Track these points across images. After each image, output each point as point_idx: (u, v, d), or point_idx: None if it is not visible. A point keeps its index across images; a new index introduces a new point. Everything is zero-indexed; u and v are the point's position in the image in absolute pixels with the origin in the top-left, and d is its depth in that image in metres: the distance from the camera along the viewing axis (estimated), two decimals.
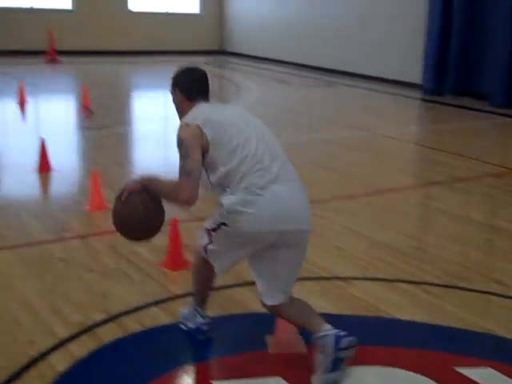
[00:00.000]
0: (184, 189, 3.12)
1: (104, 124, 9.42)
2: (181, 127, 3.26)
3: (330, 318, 3.30)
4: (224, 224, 3.17)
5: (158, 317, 3.88)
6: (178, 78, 3.50)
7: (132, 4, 18.85)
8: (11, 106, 10.52)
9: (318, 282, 4.47)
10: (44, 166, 6.73)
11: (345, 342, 3.07)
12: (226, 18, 20.10)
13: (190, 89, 3.41)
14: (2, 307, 3.94)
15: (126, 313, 3.91)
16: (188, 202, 3.16)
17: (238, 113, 3.47)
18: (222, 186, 3.17)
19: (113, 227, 3.53)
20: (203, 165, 3.17)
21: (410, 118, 11.79)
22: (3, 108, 11.15)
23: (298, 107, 11.64)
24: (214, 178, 3.18)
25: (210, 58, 18.64)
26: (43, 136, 7.06)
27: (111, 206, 5.61)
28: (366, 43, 15.42)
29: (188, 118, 3.27)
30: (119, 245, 4.98)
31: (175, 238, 4.59)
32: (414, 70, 14.05)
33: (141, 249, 4.88)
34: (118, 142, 8.68)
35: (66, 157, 7.80)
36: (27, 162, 7.04)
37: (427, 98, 13.23)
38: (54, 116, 10.75)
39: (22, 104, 10.36)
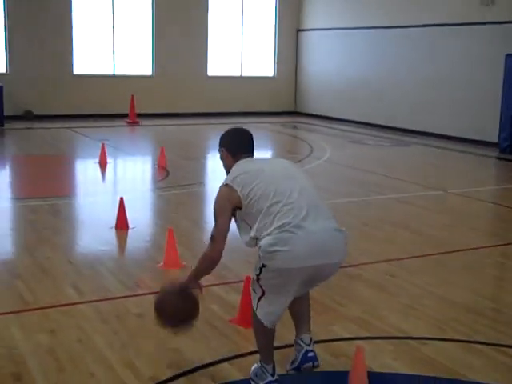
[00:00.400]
0: (211, 251, 3.67)
1: (180, 183, 9.64)
2: (218, 191, 3.70)
3: (404, 379, 3.23)
4: (264, 266, 3.43)
5: (230, 373, 3.89)
6: (224, 138, 3.94)
7: (209, 69, 19.44)
8: (93, 166, 10.92)
9: (390, 341, 4.40)
10: (122, 223, 6.93)
11: (308, 361, 3.74)
12: (299, 80, 20.44)
13: (233, 147, 3.84)
14: (78, 360, 4.05)
15: (198, 368, 3.94)
16: (212, 262, 3.70)
17: (276, 165, 3.83)
18: (260, 233, 3.47)
19: None
20: (242, 218, 3.61)
21: (486, 176, 11.58)
22: (85, 168, 11.59)
23: (371, 167, 11.62)
24: (253, 230, 3.53)
25: (284, 119, 18.93)
26: (121, 195, 7.29)
27: (186, 263, 5.76)
28: (440, 102, 15.37)
29: (228, 177, 3.69)
30: None
31: (248, 295, 4.61)
32: (489, 128, 13.89)
33: (214, 305, 4.93)
34: (193, 201, 8.86)
35: (143, 215, 8.01)
36: (106, 219, 7.27)
37: (504, 156, 13.00)
38: (133, 176, 11.09)
39: (102, 164, 10.75)
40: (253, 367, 3.78)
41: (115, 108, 17.58)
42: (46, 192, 8.96)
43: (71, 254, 6.32)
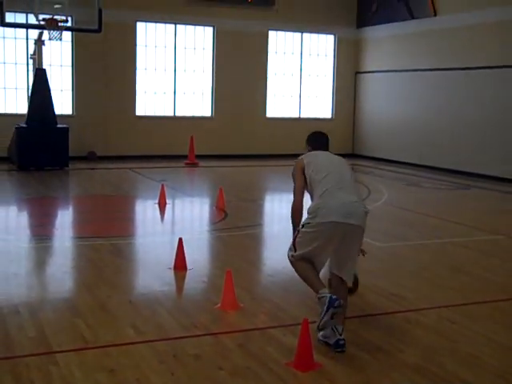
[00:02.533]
0: (293, 205, 5.39)
1: (237, 225, 9.71)
2: (295, 162, 5.51)
3: None
4: (307, 223, 5.07)
5: None
6: (309, 137, 5.88)
7: (268, 110, 19.67)
8: (152, 206, 11.12)
9: None
10: (180, 263, 7.01)
11: (338, 348, 4.83)
12: (357, 122, 20.48)
13: (314, 144, 5.75)
14: None
15: None
16: (296, 211, 5.36)
17: (333, 158, 5.49)
18: (311, 196, 5.26)
19: (242, 327, 3.67)
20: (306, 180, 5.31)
21: None
22: (145, 208, 11.81)
23: (429, 210, 11.49)
24: (309, 192, 5.29)
25: None
26: (180, 235, 7.39)
27: (243, 305, 5.79)
28: (501, 145, 15.15)
29: (302, 156, 5.52)
30: (249, 344, 5.05)
31: (305, 338, 4.60)
32: None
33: (270, 348, 4.93)
34: (250, 242, 8.90)
35: (201, 256, 8.08)
36: (165, 259, 7.38)
37: None
38: (191, 216, 11.23)
39: (162, 205, 10.93)
40: (321, 330, 4.97)
41: (175, 149, 17.92)
42: (108, 231, 9.16)
43: (131, 294, 6.43)
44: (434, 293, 6.61)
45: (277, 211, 11.85)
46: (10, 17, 15.01)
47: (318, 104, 20.50)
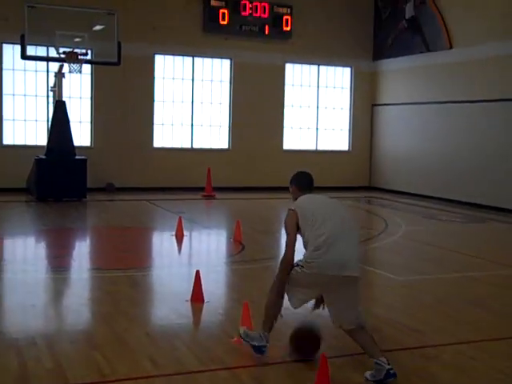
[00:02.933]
0: (285, 257, 5.23)
1: (255, 258, 9.71)
2: (287, 213, 5.43)
3: None
4: (302, 266, 5.13)
5: None
6: (294, 177, 5.91)
7: (285, 142, 19.76)
8: (169, 238, 11.15)
9: None
10: (197, 296, 7.00)
11: (391, 377, 4.82)
12: (374, 155, 20.49)
13: (300, 185, 5.81)
14: None
15: None
16: (287, 261, 5.23)
17: (325, 201, 5.53)
18: (306, 246, 5.19)
19: (260, 361, 3.66)
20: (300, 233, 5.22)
21: None
22: (162, 240, 11.84)
23: (446, 243, 11.43)
24: (304, 242, 5.23)
25: (358, 194, 18.92)
26: (197, 267, 7.40)
27: None
28: None
29: (294, 204, 5.46)
30: (265, 378, 5.03)
31: (323, 373, 4.57)
32: None
33: (288, 381, 4.89)
34: (268, 275, 8.84)
35: (218, 288, 8.08)
36: (182, 291, 7.38)
37: None
38: (208, 249, 11.25)
39: (179, 237, 10.95)
40: (249, 332, 5.36)
41: (192, 181, 18.00)
42: (125, 263, 9.18)
43: (148, 326, 6.42)
44: (452, 328, 6.54)
45: None
46: (31, 50, 15.26)
47: (335, 136, 20.56)
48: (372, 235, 12.01)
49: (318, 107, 20.24)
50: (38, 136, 17.14)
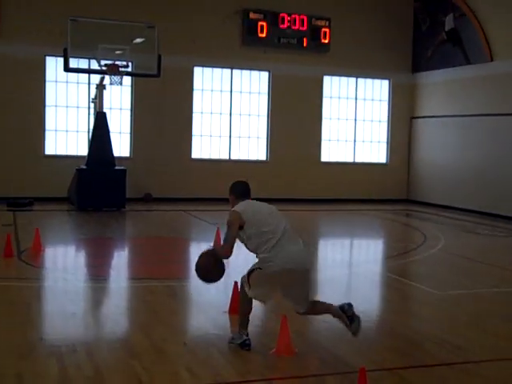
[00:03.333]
0: (223, 250, 5.88)
1: None
2: (231, 212, 5.83)
3: None
4: (260, 268, 5.74)
5: None
6: (231, 187, 6.15)
7: (323, 155, 19.74)
8: (207, 248, 11.18)
9: None
10: (235, 307, 6.99)
11: (346, 307, 5.79)
12: (412, 168, 20.33)
13: (237, 193, 6.08)
14: None
15: None
16: (225, 257, 5.91)
17: (266, 207, 6.02)
18: (257, 249, 5.75)
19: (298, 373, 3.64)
20: (244, 236, 5.77)
21: None
22: (199, 250, 11.79)
23: (486, 257, 11.27)
24: (251, 245, 5.82)
25: (396, 207, 18.78)
26: (234, 278, 7.40)
27: (298, 350, 5.76)
28: None
29: (236, 207, 5.85)
30: None
31: None
32: None
33: None
34: None
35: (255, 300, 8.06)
36: (220, 302, 7.41)
37: None
38: (245, 260, 11.23)
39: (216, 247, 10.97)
40: (232, 334, 6.01)
41: None
42: (163, 273, 9.25)
43: (186, 336, 6.46)
44: (492, 343, 6.45)
45: (330, 256, 11.78)
46: (73, 62, 15.54)
47: (373, 149, 20.47)
48: (410, 249, 11.91)
49: (355, 120, 20.18)
50: (80, 146, 17.42)
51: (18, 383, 4.98)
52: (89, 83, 17.22)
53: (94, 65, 15.61)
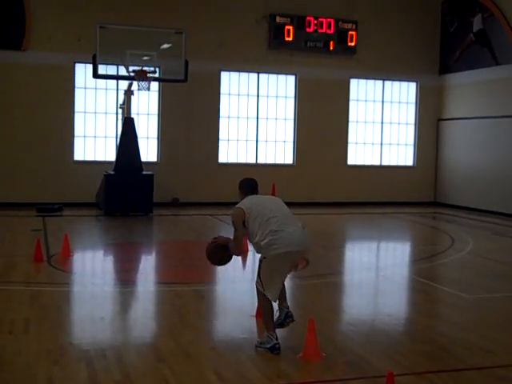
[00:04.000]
0: (235, 248, 6.17)
1: (318, 273, 9.68)
2: (234, 208, 6.11)
3: None
4: (265, 258, 5.95)
5: None
6: (240, 184, 6.46)
7: (349, 158, 19.70)
8: None
9: None
10: None
11: (289, 318, 6.15)
12: (440, 170, 20.18)
13: (245, 191, 6.36)
14: None
15: None
16: (237, 254, 6.43)
17: (268, 198, 6.42)
18: (261, 238, 5.90)
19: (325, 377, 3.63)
20: (250, 230, 5.99)
21: None
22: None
23: None
24: (257, 236, 5.94)
25: (423, 210, 18.66)
26: None
27: (326, 354, 5.76)
28: None
29: (240, 204, 6.12)
30: None
31: None
32: None
33: None
34: (332, 290, 8.85)
35: None
36: (247, 306, 7.43)
37: None
38: None
39: (243, 252, 11.01)
40: (259, 339, 6.09)
41: None
42: (190, 277, 9.31)
43: (213, 340, 6.49)
44: None
45: (357, 259, 11.74)
46: (102, 69, 15.71)
47: (400, 151, 20.37)
48: (438, 251, 11.83)
49: (382, 122, 20.10)
50: (108, 152, 17.58)
51: None
52: (117, 89, 17.39)
53: (122, 71, 15.76)
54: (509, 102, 17.36)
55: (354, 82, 19.62)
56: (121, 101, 16.69)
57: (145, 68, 15.40)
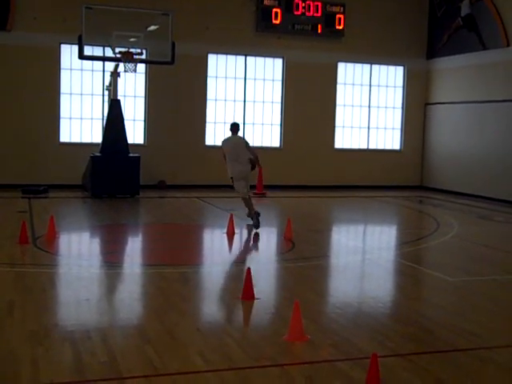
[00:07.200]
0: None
1: (305, 256, 9.71)
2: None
3: None
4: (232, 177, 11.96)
5: None
6: (231, 125, 12.25)
7: (336, 141, 19.70)
8: (220, 235, 11.26)
9: None
10: (248, 293, 7.04)
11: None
12: (426, 154, 20.23)
13: (231, 129, 12.16)
14: None
15: None
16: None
17: (232, 141, 11.93)
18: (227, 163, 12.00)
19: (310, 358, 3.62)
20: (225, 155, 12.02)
21: None
22: (213, 237, 11.96)
23: (502, 244, 11.23)
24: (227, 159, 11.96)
25: (410, 194, 18.72)
26: (247, 265, 7.45)
27: (310, 336, 5.78)
28: None
29: (223, 140, 12.36)
30: (316, 376, 5.03)
31: (374, 373, 4.56)
32: None
33: (338, 382, 4.89)
34: (318, 273, 8.88)
35: (268, 286, 8.11)
36: (232, 288, 7.44)
37: None
38: (259, 246, 11.29)
39: (230, 234, 11.03)
40: (249, 216, 11.87)
41: None
42: (176, 260, 9.30)
43: (198, 322, 6.50)
44: (507, 329, 6.44)
45: (344, 242, 11.77)
46: (87, 50, 15.55)
47: (387, 135, 20.39)
48: (423, 235, 11.88)
49: (369, 106, 20.09)
50: (94, 134, 17.48)
51: (32, 369, 5.03)
52: (103, 71, 17.26)
53: (109, 52, 15.62)
54: (496, 86, 17.39)
55: (341, 66, 19.58)
56: (107, 82, 16.56)
57: (131, 50, 15.26)
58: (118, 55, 15.24)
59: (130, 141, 16.41)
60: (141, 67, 16.68)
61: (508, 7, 16.81)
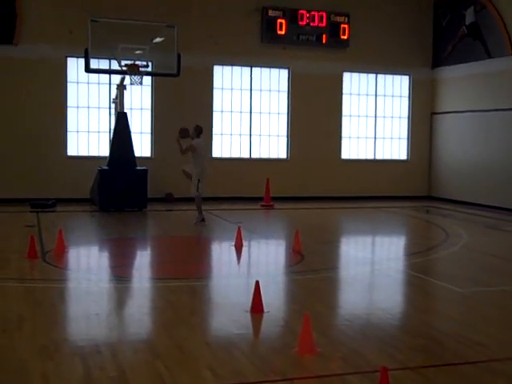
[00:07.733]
0: (183, 151, 13.96)
1: (314, 268, 9.69)
2: (193, 143, 13.75)
3: None
4: (199, 180, 13.95)
5: None
6: (195, 129, 13.88)
7: (343, 152, 19.70)
8: (229, 248, 11.25)
9: None
10: (257, 306, 7.03)
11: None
12: (433, 164, 20.20)
13: (196, 132, 13.83)
14: None
15: None
16: (182, 153, 14.13)
17: (202, 141, 14.10)
18: (195, 164, 13.98)
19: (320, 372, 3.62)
20: (195, 156, 13.90)
21: None
22: (221, 250, 11.94)
23: (511, 254, 11.17)
24: (195, 160, 13.91)
25: (417, 204, 18.68)
26: (256, 278, 7.43)
27: (321, 349, 5.76)
28: None
29: (194, 142, 13.75)
30: None
31: None
32: None
33: None
34: (327, 286, 8.85)
35: (277, 299, 8.09)
36: (241, 301, 7.43)
37: None
38: (267, 259, 11.28)
39: (238, 247, 11.02)
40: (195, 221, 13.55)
41: (251, 191, 18.06)
42: (185, 273, 9.30)
43: (208, 336, 6.49)
44: None
45: (353, 254, 11.74)
46: (94, 63, 15.64)
47: (393, 145, 20.38)
48: (432, 245, 11.85)
49: (375, 116, 20.10)
50: (101, 147, 17.53)
51: (43, 383, 5.04)
52: (109, 84, 17.34)
53: (115, 65, 15.70)
54: (502, 95, 17.38)
55: (346, 76, 19.61)
56: (113, 95, 16.63)
57: (137, 62, 15.34)
58: (124, 68, 15.32)
59: (137, 153, 16.45)
60: (147, 79, 16.76)
61: None
